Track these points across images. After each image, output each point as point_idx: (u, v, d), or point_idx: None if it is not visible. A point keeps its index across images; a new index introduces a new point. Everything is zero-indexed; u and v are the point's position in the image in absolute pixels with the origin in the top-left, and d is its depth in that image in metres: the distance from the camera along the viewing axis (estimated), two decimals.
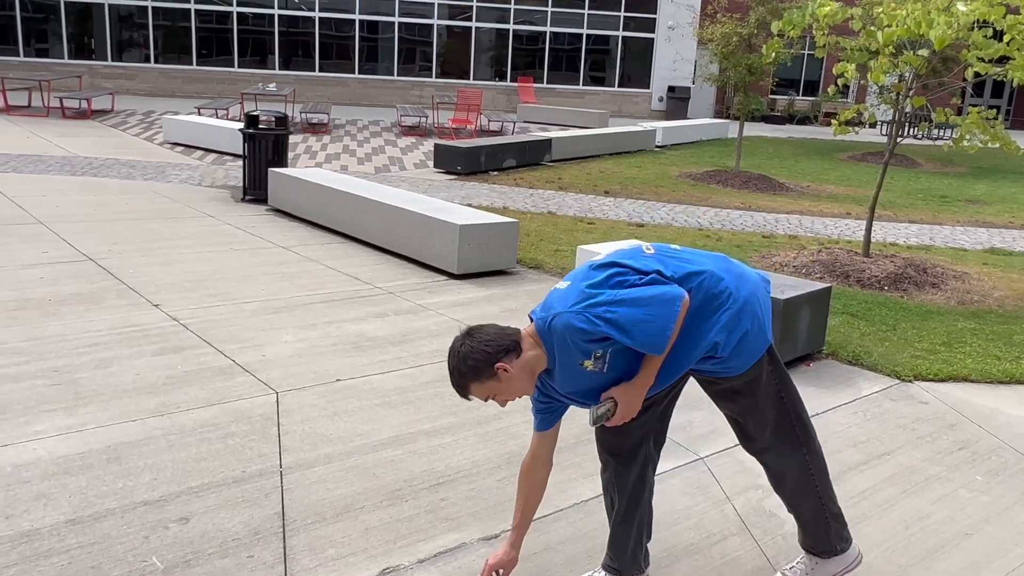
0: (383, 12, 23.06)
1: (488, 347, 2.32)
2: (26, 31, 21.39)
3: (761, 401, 2.55)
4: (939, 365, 4.94)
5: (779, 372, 2.56)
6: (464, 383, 2.35)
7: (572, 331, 2.25)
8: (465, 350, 2.33)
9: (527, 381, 2.37)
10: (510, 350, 2.33)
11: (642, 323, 2.23)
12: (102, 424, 3.60)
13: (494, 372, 2.32)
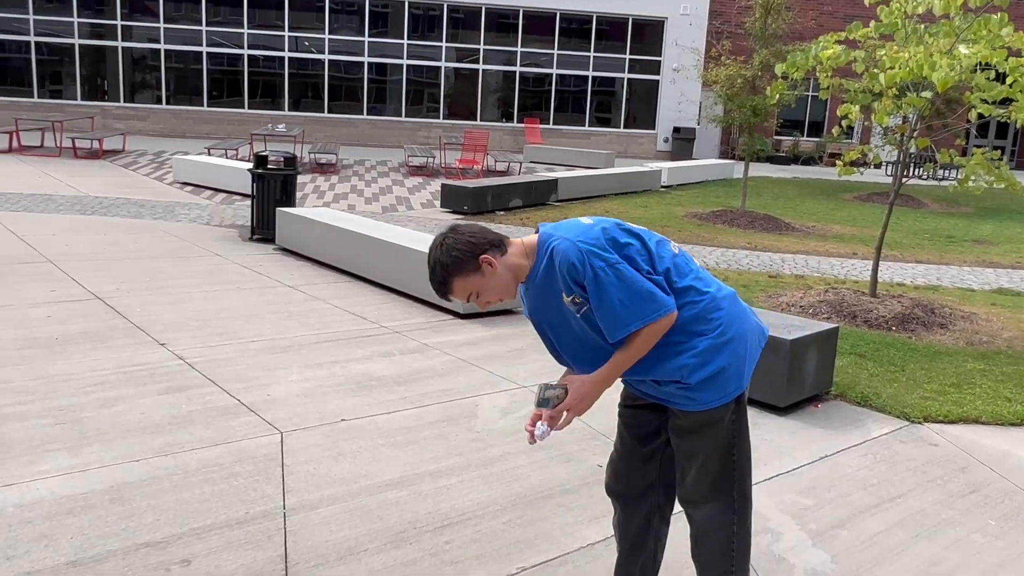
0: (391, 55, 23.41)
1: (473, 239, 2.28)
2: (41, 73, 21.76)
3: (710, 449, 2.40)
4: (949, 406, 4.89)
5: (740, 427, 2.42)
6: (447, 277, 2.28)
7: (566, 261, 2.20)
8: (450, 242, 2.27)
9: (510, 283, 2.31)
10: (495, 245, 2.29)
11: (617, 303, 2.18)
12: (106, 464, 3.58)
13: (478, 265, 2.26)
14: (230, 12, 22.39)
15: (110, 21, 21.90)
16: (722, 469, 2.40)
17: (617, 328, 2.21)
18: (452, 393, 4.73)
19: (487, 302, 2.34)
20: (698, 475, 2.42)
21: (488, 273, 2.28)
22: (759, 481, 3.83)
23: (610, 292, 2.18)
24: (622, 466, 2.57)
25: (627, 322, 2.20)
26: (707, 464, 2.40)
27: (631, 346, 2.26)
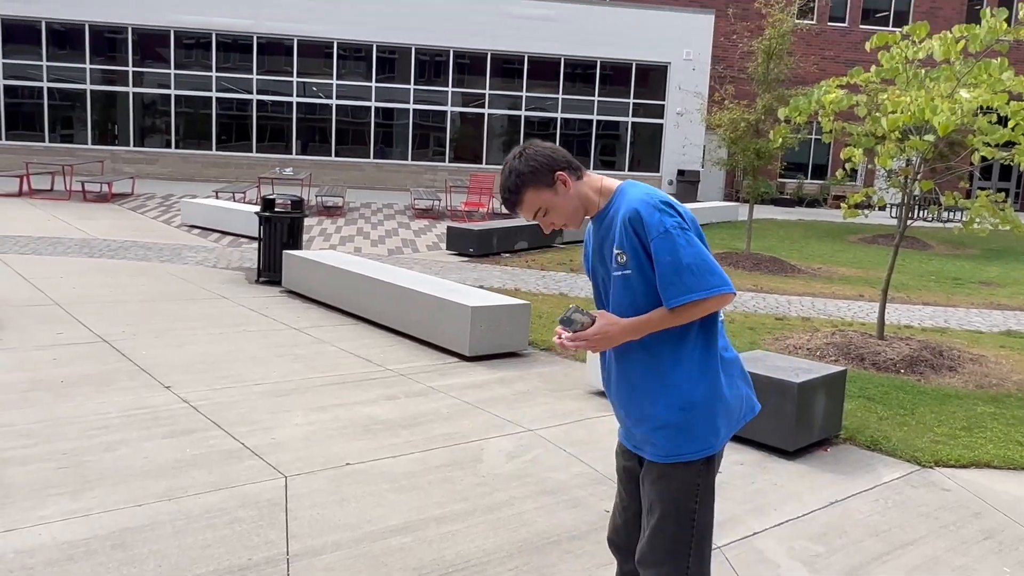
0: (398, 99, 23.71)
1: (554, 154, 2.28)
2: (52, 118, 22.07)
3: (670, 506, 2.29)
4: (960, 451, 4.83)
5: (706, 494, 2.31)
6: (520, 187, 2.27)
7: (635, 211, 2.18)
8: (529, 153, 2.28)
9: (578, 210, 2.31)
10: (573, 168, 2.29)
11: (685, 266, 2.14)
12: (108, 509, 3.55)
13: (553, 181, 2.27)
14: (240, 58, 22.76)
15: (121, 67, 22.27)
16: (680, 533, 2.29)
17: (679, 292, 2.16)
18: (457, 437, 4.70)
19: (552, 223, 2.33)
20: (654, 534, 2.32)
21: (561, 192, 2.28)
22: (770, 527, 3.77)
23: (679, 253, 2.15)
24: (620, 520, 2.54)
25: (691, 288, 2.16)
26: (665, 523, 2.30)
27: (679, 314, 2.21)
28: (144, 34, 22.17)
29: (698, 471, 2.29)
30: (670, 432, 2.27)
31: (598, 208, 2.34)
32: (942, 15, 27.89)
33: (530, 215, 2.32)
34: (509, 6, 23.70)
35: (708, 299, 2.17)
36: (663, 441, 2.29)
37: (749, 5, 26.59)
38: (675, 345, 2.28)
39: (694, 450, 2.27)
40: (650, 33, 24.27)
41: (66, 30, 21.86)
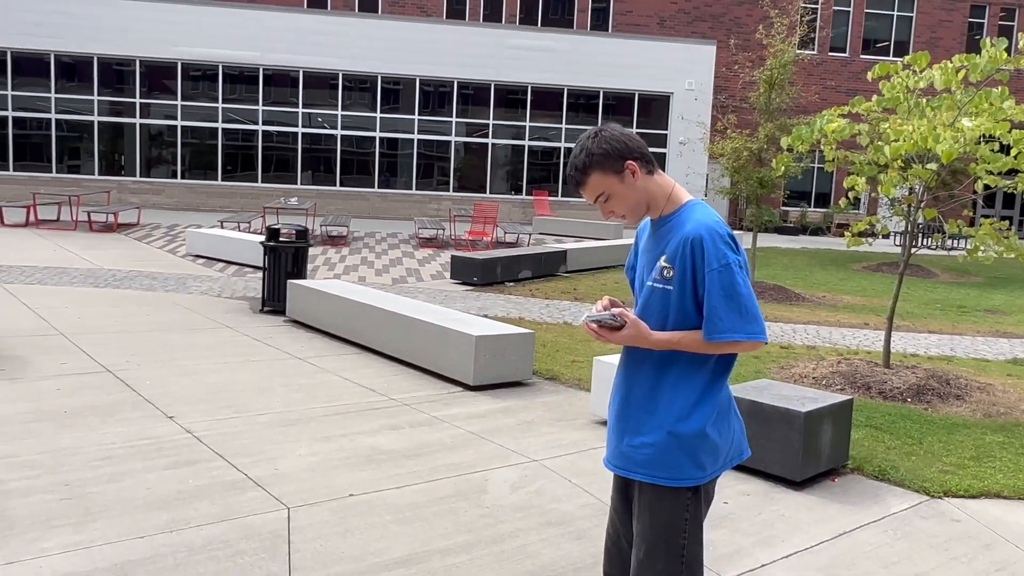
0: (402, 130, 23.89)
1: (630, 142, 2.25)
2: (60, 149, 22.27)
3: (658, 537, 2.26)
4: (969, 480, 4.79)
5: (694, 527, 2.29)
6: (588, 167, 2.24)
7: (699, 235, 2.17)
8: (605, 135, 2.24)
9: (640, 205, 2.28)
10: (647, 161, 2.26)
11: (736, 305, 2.15)
12: (110, 541, 3.52)
13: (623, 168, 2.23)
14: (245, 89, 22.99)
15: (129, 99, 22.50)
16: (670, 567, 2.27)
17: (723, 329, 2.17)
18: (461, 467, 4.67)
19: (611, 211, 2.30)
20: (643, 569, 2.29)
21: (628, 181, 2.25)
22: (777, 559, 3.73)
23: (734, 291, 2.16)
24: (615, 550, 2.52)
25: (735, 329, 2.17)
26: (654, 557, 2.27)
27: (712, 347, 2.22)
28: (151, 66, 22.43)
29: (686, 504, 2.28)
30: (654, 452, 2.28)
31: (661, 212, 2.32)
32: (942, 45, 28.12)
33: (592, 198, 2.30)
34: (512, 38, 23.96)
35: (745, 343, 2.19)
36: (646, 459, 2.29)
37: (750, 36, 26.85)
38: (686, 372, 2.29)
39: (675, 477, 2.26)
40: (652, 64, 24.49)
41: (74, 62, 22.13)
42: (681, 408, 2.27)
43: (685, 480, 2.27)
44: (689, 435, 2.26)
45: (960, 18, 28.43)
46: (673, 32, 26.73)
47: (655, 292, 2.29)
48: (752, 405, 4.71)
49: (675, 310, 2.26)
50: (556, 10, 26.55)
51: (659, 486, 2.29)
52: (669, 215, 2.31)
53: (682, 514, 2.28)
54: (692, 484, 2.28)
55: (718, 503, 4.33)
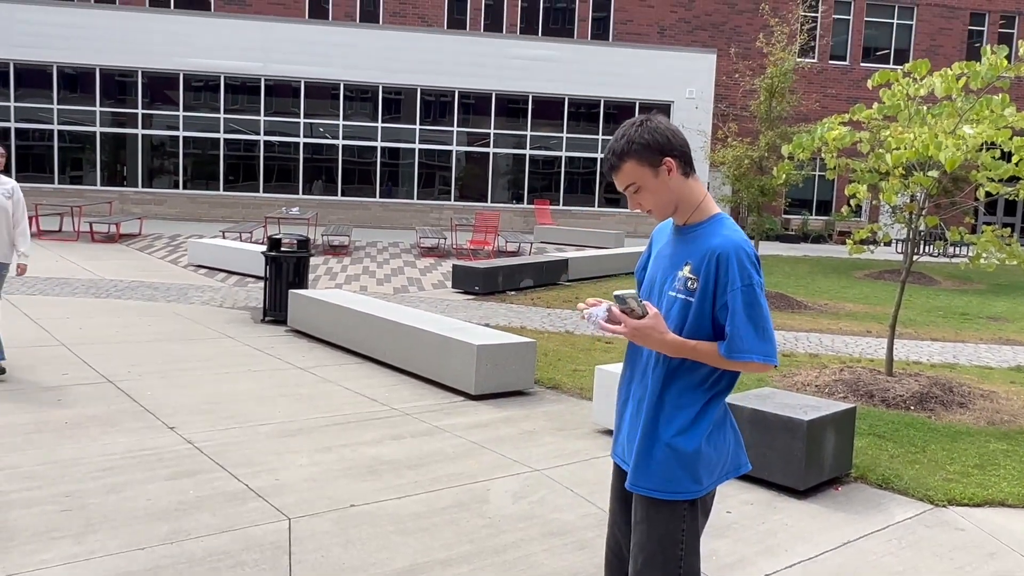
0: (404, 139, 23.94)
1: (674, 138, 2.21)
2: (62, 160, 22.33)
3: (655, 548, 2.25)
4: (973, 489, 4.76)
5: (691, 539, 2.28)
6: (625, 154, 2.20)
7: (727, 251, 2.16)
8: (651, 125, 2.21)
9: (668, 205, 2.25)
10: (687, 163, 2.23)
11: (757, 327, 2.15)
12: (110, 552, 3.51)
13: (660, 162, 2.20)
14: (247, 100, 23.06)
15: (131, 110, 22.57)
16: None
17: (742, 348, 2.17)
18: (463, 477, 4.65)
19: (639, 204, 2.28)
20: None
21: (662, 177, 2.22)
22: (781, 568, 3.71)
23: (757, 312, 2.16)
24: (616, 561, 2.51)
25: (753, 349, 2.17)
26: (650, 566, 2.27)
27: (727, 363, 2.22)
28: (153, 77, 22.51)
29: (682, 516, 2.27)
30: (652, 465, 2.28)
31: (687, 220, 2.29)
32: (943, 52, 28.17)
33: (623, 186, 2.26)
34: (513, 47, 24.02)
35: (759, 364, 2.20)
36: (643, 471, 2.29)
37: (751, 44, 26.91)
38: (689, 385, 2.29)
39: (672, 490, 2.26)
40: (653, 72, 24.54)
41: (77, 74, 22.20)
42: (681, 423, 2.27)
43: (682, 494, 2.27)
44: (686, 451, 2.26)
45: (960, 26, 28.48)
46: (673, 41, 26.80)
47: (675, 301, 2.27)
48: (755, 414, 4.69)
49: (692, 321, 2.24)
50: (557, 20, 26.63)
51: (656, 498, 2.28)
52: (696, 224, 2.28)
53: (679, 525, 2.27)
54: (689, 497, 2.28)
55: (721, 512, 4.31)
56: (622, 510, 2.47)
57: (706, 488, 2.29)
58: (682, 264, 2.26)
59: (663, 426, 2.28)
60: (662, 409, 2.29)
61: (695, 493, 2.27)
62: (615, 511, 2.50)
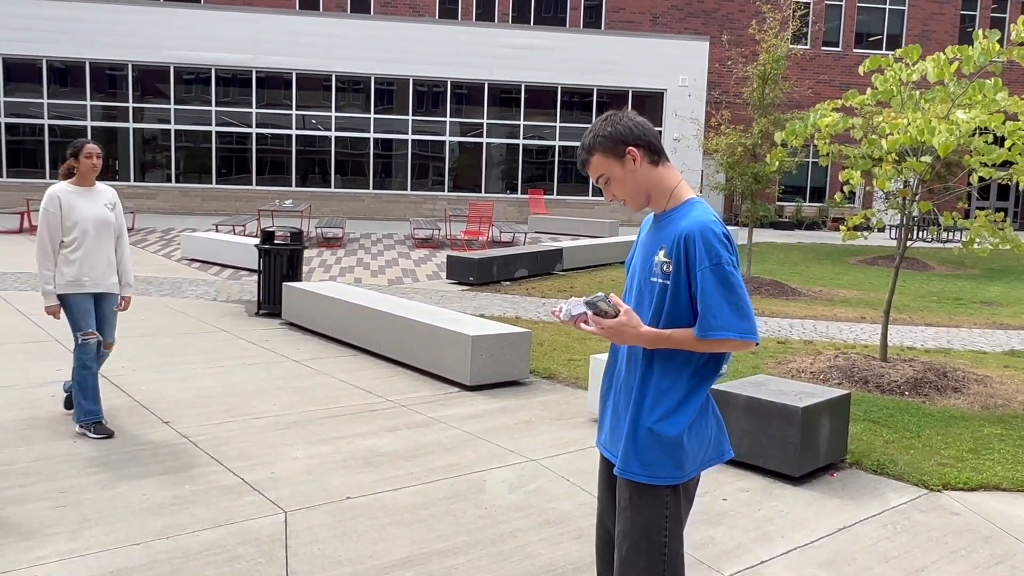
0: (397, 130, 23.86)
1: (636, 129, 2.28)
2: (53, 155, 22.20)
3: (639, 534, 2.26)
4: (968, 473, 4.78)
5: (675, 525, 2.28)
6: (593, 147, 2.29)
7: (696, 232, 2.18)
8: (615, 119, 2.29)
9: (640, 194, 2.31)
10: (652, 151, 2.28)
11: (731, 304, 2.15)
12: (106, 548, 3.50)
13: (623, 153, 2.26)
14: (239, 92, 22.95)
15: (122, 104, 22.45)
16: (652, 566, 2.28)
17: (715, 326, 2.18)
18: (459, 468, 4.65)
19: (613, 195, 2.33)
20: (625, 569, 2.29)
21: (628, 166, 2.28)
22: (777, 555, 3.71)
23: (728, 290, 2.17)
24: (607, 550, 2.52)
25: (727, 327, 2.17)
26: (635, 553, 2.28)
27: (703, 345, 2.22)
28: (144, 70, 22.38)
29: (665, 502, 2.29)
30: (635, 449, 2.29)
31: (663, 208, 2.34)
32: (935, 37, 28.15)
33: (594, 177, 2.34)
34: (505, 37, 23.93)
35: (737, 341, 2.19)
36: (626, 455, 2.30)
37: (743, 31, 26.85)
38: (674, 370, 2.29)
39: (654, 475, 2.28)
40: (646, 61, 24.48)
41: (67, 68, 22.06)
42: (665, 409, 2.28)
43: (663, 479, 2.28)
44: (669, 435, 2.27)
45: (952, 10, 28.46)
46: (666, 29, 26.73)
47: (654, 287, 2.29)
48: (750, 401, 4.70)
49: (670, 305, 2.26)
50: (549, 8, 26.53)
51: (639, 483, 2.30)
52: (670, 211, 2.33)
53: (662, 512, 2.28)
54: (671, 483, 2.29)
55: (717, 500, 4.32)
56: (609, 498, 2.48)
57: (687, 475, 2.30)
58: (657, 249, 2.29)
59: (647, 411, 2.29)
60: (646, 395, 2.30)
61: (676, 479, 2.28)
62: (603, 499, 2.51)
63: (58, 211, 4.85)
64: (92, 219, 4.92)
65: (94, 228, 4.92)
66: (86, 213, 4.91)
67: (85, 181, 4.97)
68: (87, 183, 4.99)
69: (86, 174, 4.95)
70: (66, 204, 4.87)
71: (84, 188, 4.98)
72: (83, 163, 4.91)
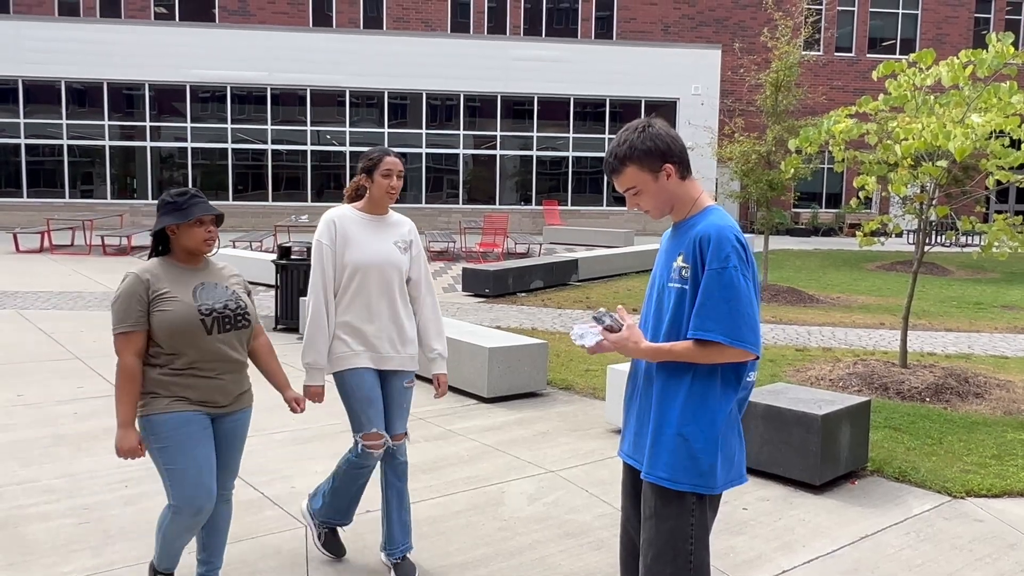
0: (411, 144, 23.99)
1: (674, 144, 2.28)
2: (72, 174, 22.48)
3: (665, 542, 2.25)
4: (991, 480, 4.73)
5: (701, 533, 2.28)
6: (627, 159, 2.27)
7: (711, 235, 2.19)
8: (652, 131, 2.28)
9: (666, 204, 2.32)
10: (686, 167, 2.30)
11: (728, 306, 2.15)
12: (129, 564, 3.53)
13: (660, 168, 2.26)
14: (254, 109, 23.16)
15: (139, 123, 22.71)
16: (677, 573, 2.26)
17: (706, 328, 2.17)
18: (478, 480, 4.65)
19: (638, 204, 2.34)
20: (649, 573, 2.28)
21: (662, 181, 2.29)
22: (799, 564, 3.69)
23: (732, 293, 2.16)
24: (631, 560, 2.51)
25: (719, 331, 2.16)
26: (661, 561, 2.27)
27: (696, 350, 2.21)
28: (161, 89, 22.64)
29: (691, 509, 2.27)
30: (665, 451, 2.28)
31: (684, 216, 2.35)
32: (949, 41, 28.01)
33: (624, 188, 2.33)
34: (517, 49, 24.04)
35: (732, 348, 2.18)
36: (657, 457, 2.29)
37: (755, 39, 26.83)
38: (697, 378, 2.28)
39: (688, 478, 2.26)
40: (658, 70, 24.50)
41: (85, 88, 22.36)
42: (691, 414, 2.27)
43: (687, 484, 2.27)
44: (695, 441, 2.26)
45: (966, 14, 28.31)
46: (677, 38, 26.75)
47: (673, 293, 2.30)
48: (769, 409, 4.68)
49: (687, 312, 2.27)
50: (560, 20, 26.63)
51: (666, 489, 2.29)
52: (691, 219, 2.35)
53: (688, 519, 2.27)
54: (696, 491, 2.28)
55: (737, 509, 4.30)
56: (633, 507, 2.47)
57: (713, 488, 2.29)
58: (676, 255, 2.31)
59: (674, 416, 2.28)
60: (673, 400, 2.29)
61: (701, 487, 2.27)
62: (627, 508, 2.51)
63: (333, 244, 3.40)
64: (376, 261, 3.41)
65: (378, 274, 3.42)
66: (367, 252, 3.40)
67: (376, 208, 3.48)
68: (379, 210, 3.49)
69: (379, 200, 3.44)
70: (342, 235, 3.41)
71: (373, 217, 3.48)
72: (377, 183, 3.41)
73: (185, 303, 2.90)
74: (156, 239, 3.03)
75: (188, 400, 2.92)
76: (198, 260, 3.04)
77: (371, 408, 3.41)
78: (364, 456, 3.42)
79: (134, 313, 2.85)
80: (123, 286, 2.88)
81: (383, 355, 3.46)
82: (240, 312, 3.04)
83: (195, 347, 2.90)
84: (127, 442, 2.85)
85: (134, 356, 2.86)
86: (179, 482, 2.88)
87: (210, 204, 2.95)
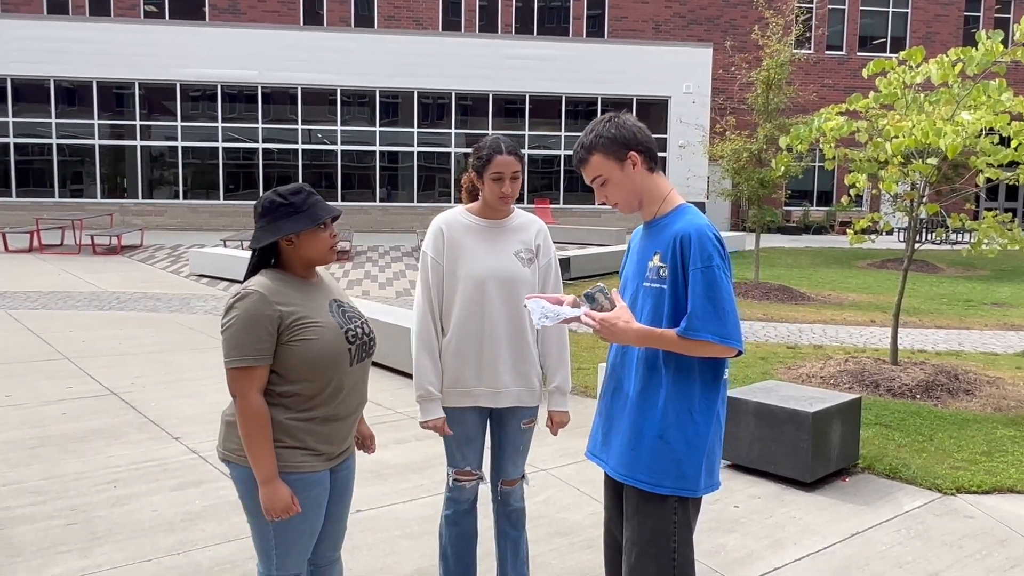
0: (402, 143, 23.94)
1: (640, 134, 2.28)
2: (62, 174, 22.35)
3: (647, 542, 2.25)
4: (982, 476, 4.74)
5: (685, 533, 2.28)
6: (594, 147, 2.29)
7: (689, 235, 2.20)
8: (618, 121, 2.29)
9: (633, 199, 2.32)
10: (652, 159, 2.30)
11: (713, 305, 2.16)
12: (116, 565, 3.50)
13: (626, 155, 2.27)
14: (245, 108, 23.07)
15: (129, 122, 22.59)
16: (661, 572, 2.26)
17: (696, 327, 2.18)
18: None
19: (605, 196, 2.35)
20: (633, 573, 2.28)
21: (627, 170, 2.29)
22: (790, 562, 3.69)
23: (716, 293, 2.17)
24: (617, 559, 2.50)
25: (708, 329, 2.17)
26: (644, 560, 2.26)
27: (683, 344, 2.21)
28: (150, 88, 22.53)
29: (673, 508, 2.27)
30: (644, 454, 2.27)
31: (654, 215, 2.35)
32: (939, 39, 28.11)
33: (590, 178, 2.34)
34: (509, 48, 24.01)
35: (717, 345, 2.19)
36: (635, 459, 2.28)
37: (746, 37, 26.86)
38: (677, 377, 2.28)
39: (659, 483, 2.25)
40: (649, 68, 24.51)
41: (74, 87, 22.23)
42: (674, 417, 2.26)
43: (669, 488, 2.27)
44: (678, 446, 2.25)
45: (956, 12, 28.42)
46: (669, 36, 26.77)
47: (650, 292, 2.30)
48: (760, 407, 4.67)
49: (668, 308, 2.26)
50: (551, 19, 26.62)
51: (645, 492, 2.28)
52: (662, 216, 2.34)
53: (670, 517, 2.27)
54: (677, 494, 2.27)
55: (728, 507, 4.30)
56: (615, 506, 2.47)
57: (695, 491, 2.27)
58: (651, 255, 2.30)
59: (653, 418, 2.27)
60: (653, 401, 2.28)
61: (686, 491, 2.26)
62: (609, 508, 2.50)
63: (440, 257, 2.88)
64: (490, 276, 2.84)
65: (494, 291, 2.84)
66: (479, 265, 2.85)
67: (493, 211, 2.92)
68: (497, 214, 2.92)
69: (493, 202, 2.87)
70: (451, 245, 2.88)
71: (490, 222, 2.92)
72: (488, 188, 2.85)
73: (330, 328, 2.32)
74: (262, 253, 2.38)
75: (317, 453, 2.36)
76: (314, 272, 2.46)
77: (468, 447, 2.97)
78: (456, 490, 3.02)
79: (261, 342, 2.24)
80: (243, 308, 2.24)
81: (495, 391, 2.90)
82: (372, 336, 2.48)
83: (336, 382, 2.33)
84: (280, 500, 2.28)
85: (260, 395, 2.27)
86: (287, 553, 2.38)
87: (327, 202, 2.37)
